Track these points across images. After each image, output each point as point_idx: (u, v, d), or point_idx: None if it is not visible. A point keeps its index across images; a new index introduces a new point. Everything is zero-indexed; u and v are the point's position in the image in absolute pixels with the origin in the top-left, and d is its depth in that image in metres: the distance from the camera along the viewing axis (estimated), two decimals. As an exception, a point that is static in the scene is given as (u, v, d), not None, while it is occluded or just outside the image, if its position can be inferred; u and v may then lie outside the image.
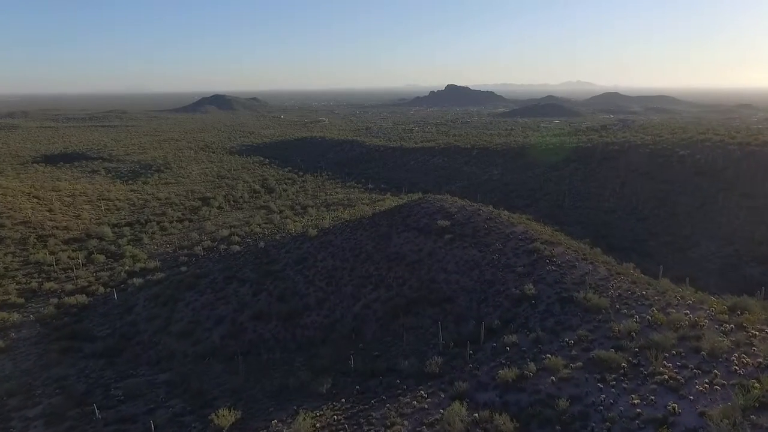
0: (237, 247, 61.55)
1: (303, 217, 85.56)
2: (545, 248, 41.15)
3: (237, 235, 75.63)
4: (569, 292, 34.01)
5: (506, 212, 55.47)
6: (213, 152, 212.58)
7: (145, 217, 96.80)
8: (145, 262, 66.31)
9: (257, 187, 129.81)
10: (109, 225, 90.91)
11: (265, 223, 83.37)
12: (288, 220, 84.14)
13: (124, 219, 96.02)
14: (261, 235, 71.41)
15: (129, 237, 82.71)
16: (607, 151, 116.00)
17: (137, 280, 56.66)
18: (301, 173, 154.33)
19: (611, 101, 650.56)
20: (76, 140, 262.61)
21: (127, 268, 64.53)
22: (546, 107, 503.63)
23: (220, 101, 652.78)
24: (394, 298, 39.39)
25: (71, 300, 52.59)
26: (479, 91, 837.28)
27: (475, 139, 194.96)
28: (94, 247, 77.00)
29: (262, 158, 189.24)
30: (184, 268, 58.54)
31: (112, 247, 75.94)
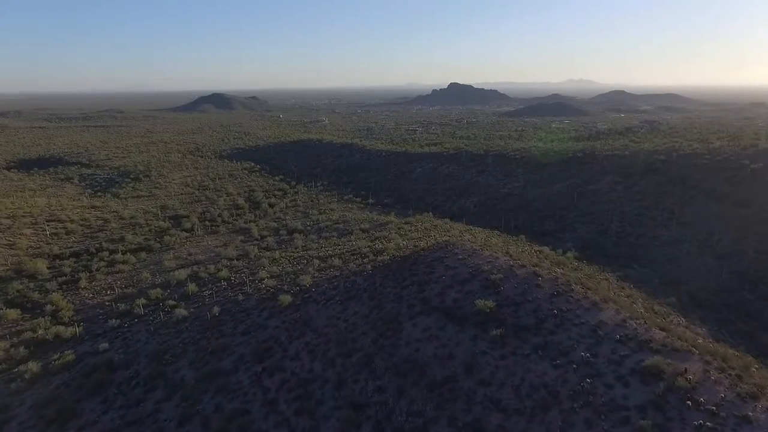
0: (184, 312, 44.02)
1: (286, 250, 68.15)
2: (671, 367, 23.58)
3: (197, 278, 58.33)
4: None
5: (569, 272, 37.85)
6: (201, 156, 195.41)
7: (98, 244, 79.62)
8: (66, 325, 48.98)
9: (241, 201, 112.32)
10: (48, 257, 73.79)
11: (238, 259, 65.93)
12: (267, 253, 66.87)
13: (71, 247, 78.70)
14: (226, 283, 54.02)
15: (66, 277, 65.43)
16: (651, 161, 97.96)
17: (34, 366, 39.27)
18: (293, 183, 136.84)
19: (618, 100, 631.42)
20: (61, 142, 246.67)
21: (39, 333, 47.24)
22: (552, 106, 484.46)
23: (218, 100, 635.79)
24: (409, 464, 21.86)
25: (-77, 405, 35.14)
26: (483, 90, 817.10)
27: (487, 142, 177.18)
28: (16, 292, 59.70)
29: (252, 164, 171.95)
30: (104, 345, 41.15)
31: (36, 295, 58.64)
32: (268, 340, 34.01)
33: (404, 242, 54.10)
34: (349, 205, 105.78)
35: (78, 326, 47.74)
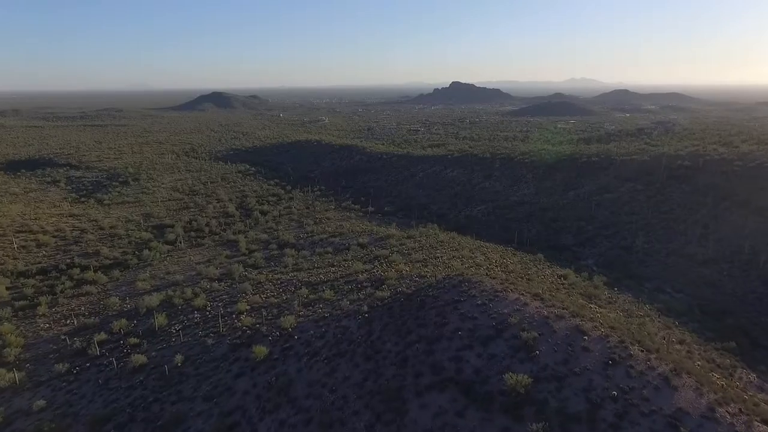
0: (142, 359, 36.57)
1: (274, 269, 60.70)
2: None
3: (170, 305, 50.98)
4: None
5: (606, 309, 30.33)
6: (196, 158, 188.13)
7: (69, 259, 72.36)
8: (8, 367, 41.54)
9: (232, 208, 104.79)
10: (11, 275, 66.57)
11: (219, 280, 58.46)
12: (253, 273, 59.46)
13: (40, 263, 71.37)
14: (199, 315, 46.58)
15: (26, 300, 58.07)
16: (674, 166, 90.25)
17: (-49, 431, 31.89)
18: (289, 187, 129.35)
19: (622, 99, 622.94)
20: (54, 142, 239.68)
21: (-26, 378, 39.77)
22: (556, 105, 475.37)
23: (218, 99, 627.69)
24: None
25: None
26: (485, 89, 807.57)
27: (492, 143, 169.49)
28: (-36, 320, 52.37)
29: (248, 166, 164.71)
30: (41, 402, 33.78)
31: (-14, 324, 51.20)
32: (234, 412, 26.58)
33: (407, 268, 46.61)
34: (347, 213, 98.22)
35: (21, 370, 40.30)
